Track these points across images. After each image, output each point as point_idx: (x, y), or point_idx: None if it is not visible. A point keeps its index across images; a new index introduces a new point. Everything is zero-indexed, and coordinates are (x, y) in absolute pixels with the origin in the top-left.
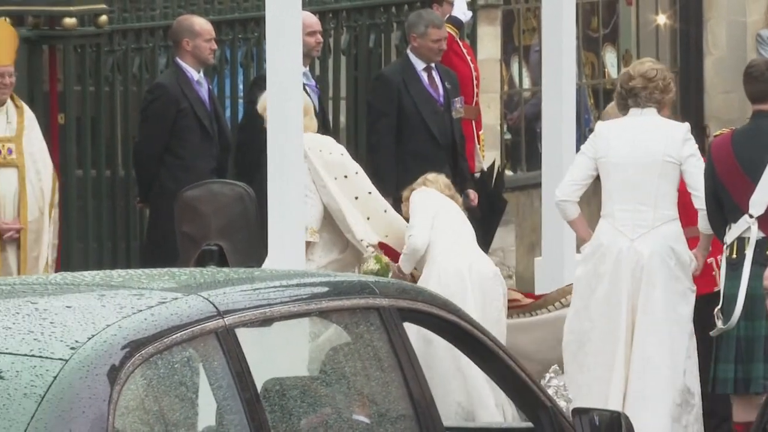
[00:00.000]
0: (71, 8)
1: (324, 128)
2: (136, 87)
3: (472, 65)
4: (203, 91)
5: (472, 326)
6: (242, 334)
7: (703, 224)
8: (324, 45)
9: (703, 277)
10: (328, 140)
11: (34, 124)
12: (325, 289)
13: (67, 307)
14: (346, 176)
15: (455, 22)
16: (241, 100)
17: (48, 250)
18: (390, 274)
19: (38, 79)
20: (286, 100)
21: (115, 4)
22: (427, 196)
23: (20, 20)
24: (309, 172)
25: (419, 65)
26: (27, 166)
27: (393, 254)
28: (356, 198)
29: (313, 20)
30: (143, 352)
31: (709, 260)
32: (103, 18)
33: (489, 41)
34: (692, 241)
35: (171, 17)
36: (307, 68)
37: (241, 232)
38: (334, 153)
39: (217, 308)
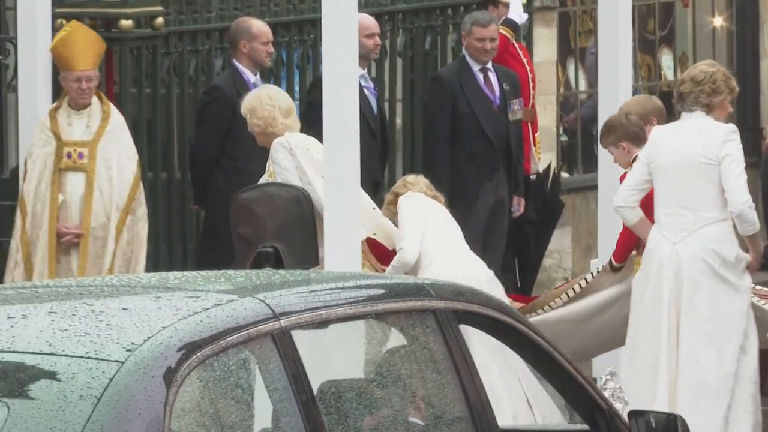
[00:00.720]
0: (128, 10)
1: (382, 130)
2: (192, 89)
3: (528, 67)
4: None
5: (527, 328)
6: (298, 336)
7: (742, 226)
8: (380, 47)
9: None
10: (314, 140)
11: (119, 130)
12: (381, 291)
13: (123, 309)
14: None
15: (511, 24)
16: (297, 103)
17: (116, 259)
18: None
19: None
20: (342, 102)
21: (172, 6)
22: (415, 202)
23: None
24: (295, 170)
25: (475, 66)
26: (98, 171)
27: (382, 250)
28: None
29: (371, 22)
30: (199, 354)
31: None
32: (160, 20)
33: (545, 43)
34: None
35: (227, 19)
36: (365, 70)
37: (297, 234)
38: (320, 152)
39: (273, 310)
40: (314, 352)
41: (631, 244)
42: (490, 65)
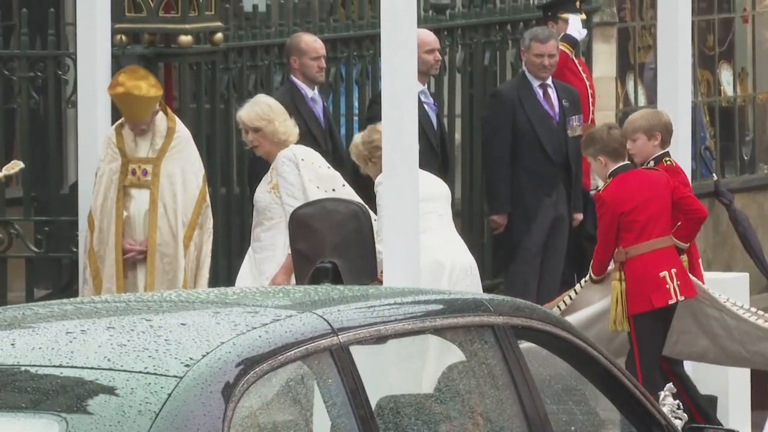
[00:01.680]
0: (187, 26)
1: (442, 146)
2: None
3: (587, 83)
4: (318, 108)
5: (586, 344)
6: (356, 351)
7: None
8: (440, 63)
9: (657, 291)
10: (317, 153)
11: (184, 144)
12: (440, 306)
13: (182, 324)
14: (334, 189)
15: (570, 40)
16: (356, 118)
17: (187, 274)
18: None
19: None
20: (402, 118)
21: (231, 21)
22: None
23: (136, 38)
24: (301, 186)
25: (535, 82)
26: (161, 188)
27: None
28: None
29: (432, 38)
30: (257, 369)
31: (661, 273)
32: (219, 36)
33: (604, 59)
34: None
35: (286, 35)
36: (425, 86)
37: (355, 249)
38: (323, 166)
39: (331, 326)
40: (372, 367)
41: (606, 256)
42: (549, 81)
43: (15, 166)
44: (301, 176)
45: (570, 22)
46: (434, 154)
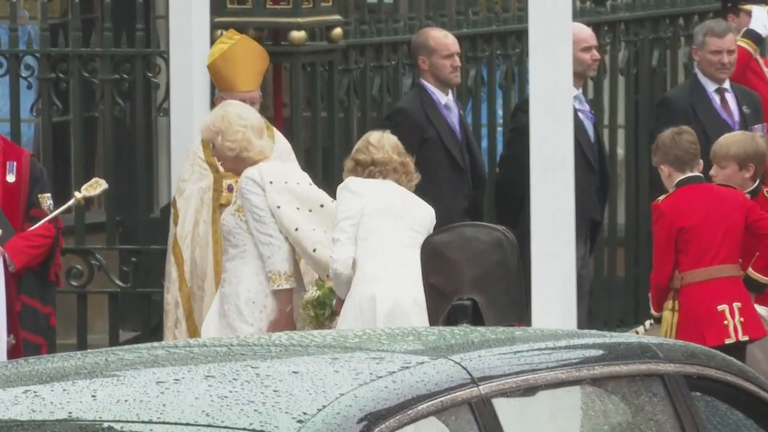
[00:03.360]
0: (300, 19)
1: (601, 162)
2: (376, 112)
3: None
4: (453, 117)
5: None
6: (500, 404)
7: None
8: (599, 63)
9: (712, 327)
10: (292, 168)
11: (285, 158)
12: (599, 352)
13: (294, 372)
14: (322, 205)
15: (753, 35)
16: (500, 129)
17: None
18: (334, 301)
19: (261, 103)
20: (553, 128)
21: (352, 14)
22: (354, 191)
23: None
24: (267, 208)
25: (710, 86)
26: None
27: None
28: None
29: (588, 33)
30: (383, 426)
31: (719, 307)
32: (337, 31)
33: None
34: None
35: (417, 30)
36: (580, 90)
37: (498, 283)
38: (303, 182)
39: (470, 374)
40: (519, 423)
41: (663, 280)
42: (727, 85)
43: (96, 185)
44: (270, 199)
45: (754, 14)
46: (591, 172)
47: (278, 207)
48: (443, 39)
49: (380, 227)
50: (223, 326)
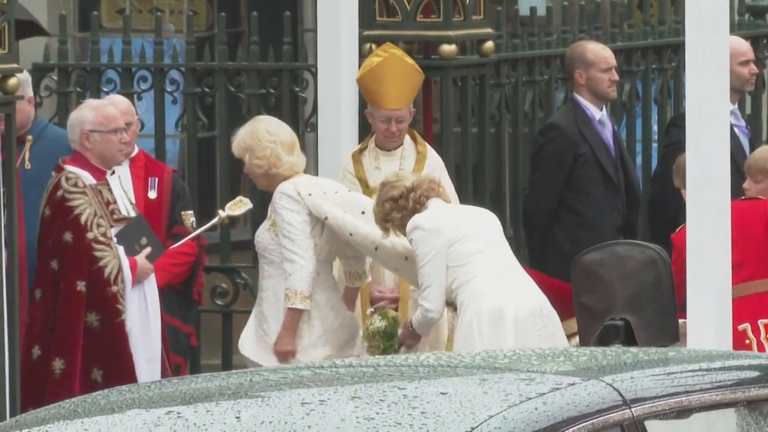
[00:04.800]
0: (450, 33)
1: None
2: (528, 128)
3: None
4: (607, 133)
5: None
6: (653, 427)
7: None
8: (756, 78)
9: (734, 346)
10: (330, 181)
11: (439, 173)
12: (755, 373)
13: (442, 393)
14: (363, 212)
15: None
16: (655, 145)
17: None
18: (399, 331)
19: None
20: (709, 144)
21: (504, 28)
22: (432, 231)
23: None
24: (301, 225)
25: None
26: None
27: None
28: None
29: (745, 47)
30: None
31: (741, 326)
32: (489, 45)
33: None
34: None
35: (570, 43)
36: (736, 105)
37: (652, 303)
38: (340, 191)
39: (622, 396)
40: None
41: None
42: None
43: (241, 204)
44: (314, 208)
45: None
46: None
47: (325, 218)
48: (601, 52)
49: (476, 246)
50: (262, 347)
